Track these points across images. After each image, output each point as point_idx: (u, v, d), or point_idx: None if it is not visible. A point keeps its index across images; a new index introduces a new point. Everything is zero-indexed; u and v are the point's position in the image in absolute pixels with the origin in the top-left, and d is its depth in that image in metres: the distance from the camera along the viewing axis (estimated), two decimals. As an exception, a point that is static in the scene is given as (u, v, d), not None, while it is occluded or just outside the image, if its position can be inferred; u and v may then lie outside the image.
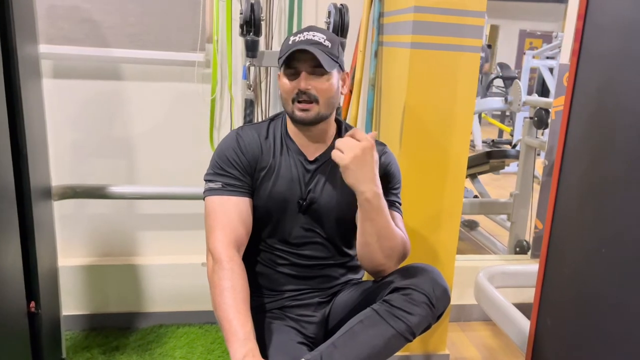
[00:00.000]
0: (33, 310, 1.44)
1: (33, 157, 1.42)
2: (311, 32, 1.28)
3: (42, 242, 1.50)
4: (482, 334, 2.29)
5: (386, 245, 1.25)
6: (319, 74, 1.26)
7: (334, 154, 1.20)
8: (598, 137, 1.21)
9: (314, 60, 1.24)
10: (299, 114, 1.27)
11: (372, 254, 1.27)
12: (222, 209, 1.27)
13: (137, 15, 1.97)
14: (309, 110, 1.26)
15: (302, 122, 1.28)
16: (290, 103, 1.27)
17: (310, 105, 1.26)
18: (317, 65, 1.24)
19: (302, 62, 1.25)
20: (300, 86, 1.25)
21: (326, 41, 1.26)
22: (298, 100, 1.26)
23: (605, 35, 1.19)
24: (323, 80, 1.26)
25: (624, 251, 1.11)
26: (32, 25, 1.45)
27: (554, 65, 5.83)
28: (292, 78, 1.26)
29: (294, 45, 1.24)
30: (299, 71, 1.26)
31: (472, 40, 1.71)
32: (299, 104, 1.26)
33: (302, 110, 1.26)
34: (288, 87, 1.27)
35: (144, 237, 2.19)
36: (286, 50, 1.26)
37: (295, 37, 1.27)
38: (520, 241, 2.93)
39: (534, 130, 2.94)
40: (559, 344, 1.35)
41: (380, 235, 1.24)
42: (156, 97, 2.06)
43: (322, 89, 1.26)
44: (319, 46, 1.24)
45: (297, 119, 1.28)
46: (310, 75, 1.25)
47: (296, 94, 1.25)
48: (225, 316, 1.13)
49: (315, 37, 1.26)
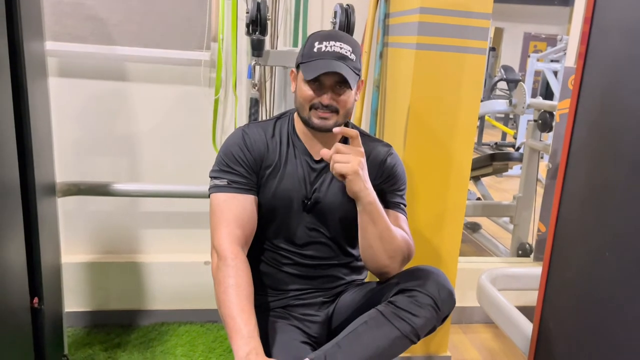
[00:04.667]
0: (36, 305, 1.45)
1: (38, 154, 1.42)
2: (338, 42, 1.26)
3: (46, 239, 1.50)
4: (484, 337, 2.29)
5: (389, 247, 1.25)
6: (342, 88, 1.26)
7: (338, 168, 1.18)
8: (603, 140, 1.21)
9: (339, 76, 1.23)
10: (317, 122, 1.27)
11: (376, 256, 1.27)
12: (227, 206, 1.27)
13: (143, 13, 1.98)
14: (328, 119, 1.26)
15: (319, 129, 1.28)
16: (307, 109, 1.27)
17: (330, 115, 1.26)
18: (343, 81, 1.24)
19: (327, 76, 1.24)
20: (324, 101, 1.25)
21: (352, 54, 1.26)
22: (316, 108, 1.26)
23: (612, 38, 1.19)
24: (346, 94, 1.27)
25: (628, 254, 1.11)
26: (39, 22, 1.46)
27: (558, 69, 5.81)
28: (314, 88, 1.26)
29: (321, 55, 1.24)
30: (323, 85, 1.25)
31: (477, 42, 1.71)
32: (318, 112, 1.26)
33: (321, 118, 1.26)
34: (309, 96, 1.26)
35: (146, 235, 2.19)
36: (310, 57, 1.25)
37: (322, 44, 1.26)
38: (523, 244, 2.93)
39: (538, 133, 2.93)
40: (562, 347, 1.34)
41: (382, 237, 1.24)
42: (160, 95, 2.07)
43: (343, 101, 1.27)
44: (346, 61, 1.24)
45: (314, 126, 1.28)
46: (334, 87, 1.25)
47: (315, 104, 1.26)
48: (229, 313, 1.13)
49: (343, 49, 1.25)
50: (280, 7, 2.05)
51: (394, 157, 1.40)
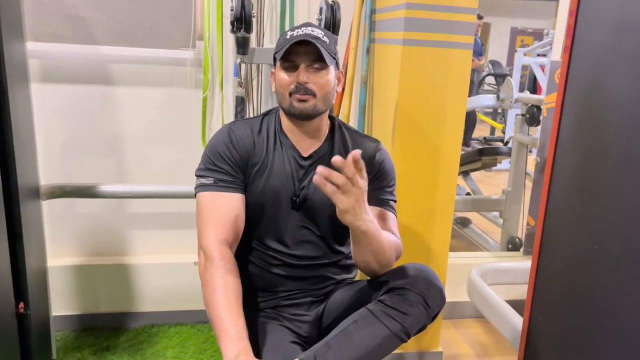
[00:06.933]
0: (22, 311, 1.43)
1: (20, 157, 1.40)
2: (309, 27, 1.27)
3: (31, 242, 1.48)
4: (475, 331, 2.30)
5: (381, 258, 1.24)
6: (318, 69, 1.25)
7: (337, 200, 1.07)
8: (589, 133, 1.21)
9: (314, 54, 1.23)
10: (297, 104, 1.25)
11: (369, 267, 1.27)
12: (214, 205, 1.25)
13: (126, 11, 1.95)
14: (307, 101, 1.25)
15: (299, 113, 1.26)
16: (287, 97, 1.26)
17: (308, 97, 1.25)
18: (316, 60, 1.24)
19: (301, 55, 1.24)
20: (300, 79, 1.23)
21: (324, 37, 1.26)
22: (296, 92, 1.24)
23: (597, 31, 1.19)
24: (321, 75, 1.25)
25: (615, 247, 1.12)
26: (19, 22, 1.43)
27: (545, 63, 5.85)
28: (289, 71, 1.25)
29: (293, 39, 1.23)
30: (297, 64, 1.24)
31: (463, 37, 1.71)
32: (297, 96, 1.24)
33: (300, 100, 1.24)
34: (286, 81, 1.25)
35: (134, 236, 2.17)
36: (284, 44, 1.25)
37: (293, 32, 1.26)
38: (513, 238, 2.94)
39: (526, 128, 2.94)
40: (552, 340, 1.35)
41: (376, 254, 1.23)
42: (146, 94, 2.04)
43: (321, 84, 1.25)
44: (318, 41, 1.23)
45: (295, 111, 1.26)
46: (309, 69, 1.24)
47: (294, 87, 1.24)
48: (217, 314, 1.12)
49: (314, 32, 1.25)
50: (266, 4, 2.04)
51: (382, 152, 1.39)
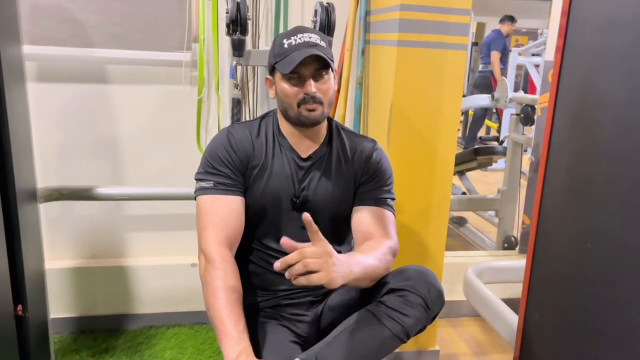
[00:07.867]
0: (20, 313, 1.43)
1: (18, 160, 1.40)
2: (305, 33, 1.26)
3: (29, 245, 1.48)
4: (472, 330, 2.31)
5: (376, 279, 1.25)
6: (321, 76, 1.26)
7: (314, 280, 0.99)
8: (582, 132, 1.23)
9: (317, 63, 1.24)
10: (307, 114, 1.26)
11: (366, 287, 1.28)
12: (213, 208, 1.26)
13: (122, 14, 1.96)
14: (315, 110, 1.26)
15: (310, 123, 1.28)
16: (295, 107, 1.26)
17: (316, 106, 1.26)
18: (320, 68, 1.24)
19: (305, 66, 1.23)
20: (309, 91, 1.24)
21: (321, 41, 1.26)
22: (305, 102, 1.25)
23: (589, 31, 1.21)
24: (325, 81, 1.27)
25: (608, 244, 1.13)
26: (16, 26, 1.43)
27: (539, 62, 5.88)
28: (295, 83, 1.25)
29: (293, 49, 1.23)
30: (303, 76, 1.24)
31: (458, 38, 1.72)
32: (307, 106, 1.25)
33: (309, 110, 1.25)
34: (292, 92, 1.26)
35: (131, 239, 2.17)
36: (283, 54, 1.24)
37: (290, 39, 1.25)
38: (508, 237, 2.96)
39: (521, 127, 2.96)
40: (547, 338, 1.36)
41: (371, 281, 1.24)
42: (142, 97, 2.05)
43: (325, 90, 1.27)
44: (318, 48, 1.23)
45: (305, 120, 1.27)
46: (314, 78, 1.25)
47: (302, 97, 1.25)
48: (218, 316, 1.13)
49: (312, 38, 1.25)
50: (261, 6, 2.04)
51: (379, 152, 1.40)
